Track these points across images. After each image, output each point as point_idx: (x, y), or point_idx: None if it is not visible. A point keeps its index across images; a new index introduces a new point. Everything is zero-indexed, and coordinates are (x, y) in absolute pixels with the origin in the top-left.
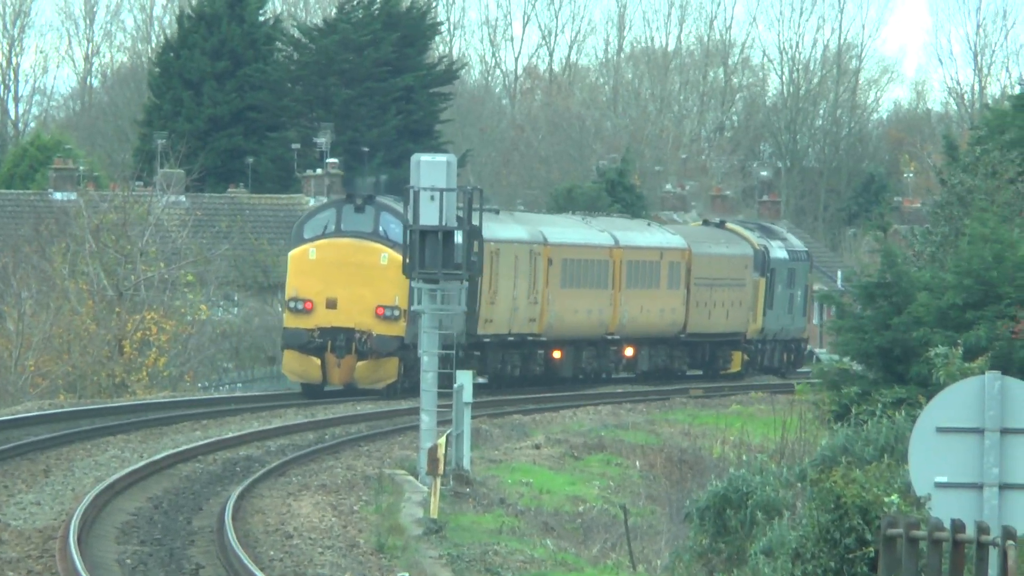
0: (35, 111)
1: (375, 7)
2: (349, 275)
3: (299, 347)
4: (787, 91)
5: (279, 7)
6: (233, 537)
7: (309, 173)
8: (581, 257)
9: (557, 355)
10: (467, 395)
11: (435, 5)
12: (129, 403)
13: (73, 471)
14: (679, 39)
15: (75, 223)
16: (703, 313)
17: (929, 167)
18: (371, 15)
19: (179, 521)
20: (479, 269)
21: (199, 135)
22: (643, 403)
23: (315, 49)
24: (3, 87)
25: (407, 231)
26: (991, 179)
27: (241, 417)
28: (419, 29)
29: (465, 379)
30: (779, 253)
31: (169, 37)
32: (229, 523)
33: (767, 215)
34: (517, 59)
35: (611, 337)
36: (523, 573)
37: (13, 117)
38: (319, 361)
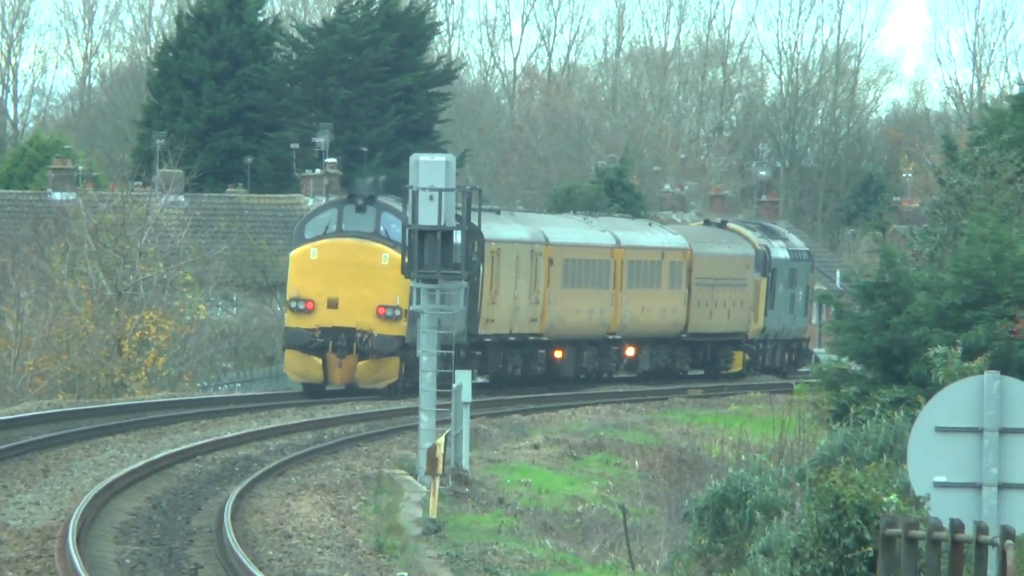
0: (34, 111)
1: (374, 7)
2: (350, 275)
3: (300, 347)
4: (786, 91)
5: (278, 7)
6: (232, 537)
7: (308, 173)
8: (582, 257)
9: (558, 355)
10: (466, 395)
11: (434, 5)
12: (128, 403)
13: (72, 471)
14: (678, 39)
15: (74, 223)
16: (704, 313)
17: (928, 167)
18: (370, 15)
19: (178, 521)
20: (478, 269)
21: (198, 135)
22: (642, 403)
23: (314, 49)
24: (2, 87)
25: (406, 231)
26: (990, 179)
27: (240, 417)
28: (418, 29)
29: (464, 379)
30: (780, 253)
31: (168, 37)
32: (228, 523)
33: (766, 215)
34: (516, 59)
35: (612, 337)
36: (522, 573)
37: (12, 117)
38: (320, 361)
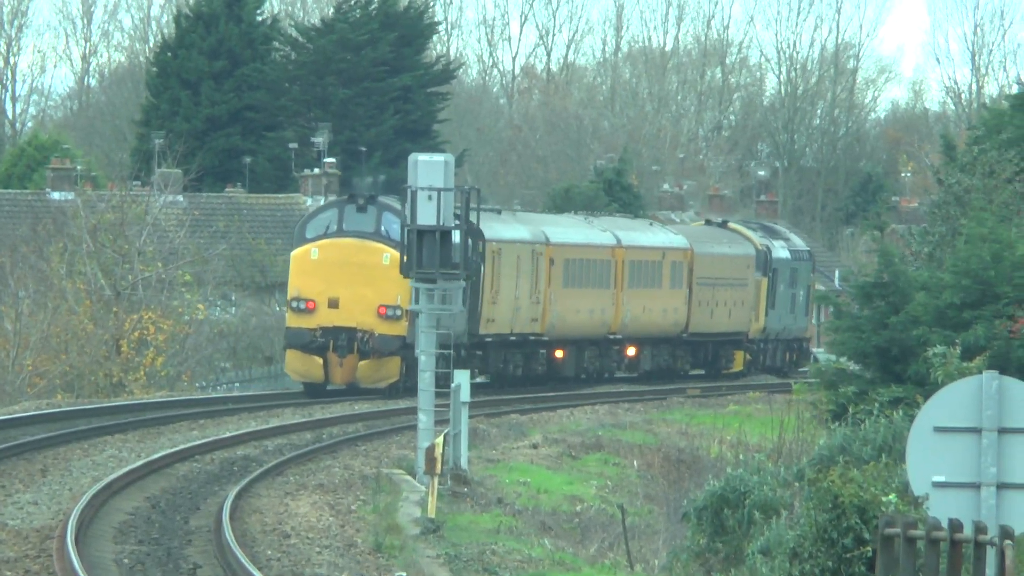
0: (32, 111)
1: (372, 7)
2: (351, 275)
3: (302, 347)
4: (785, 91)
5: (277, 7)
6: (231, 537)
7: (307, 173)
8: (583, 257)
9: (559, 355)
10: (464, 395)
11: (432, 5)
12: (126, 403)
13: (70, 471)
14: (677, 39)
15: (72, 223)
16: (705, 313)
17: (927, 167)
18: (368, 15)
19: (176, 521)
20: (478, 269)
21: (197, 135)
22: (641, 403)
23: (313, 49)
24: (0, 87)
25: (404, 230)
26: (989, 179)
27: (238, 417)
28: (416, 29)
29: (462, 379)
30: (781, 253)
31: (167, 37)
32: (227, 523)
33: (764, 215)
34: (515, 59)
35: (613, 337)
36: (521, 572)
37: (11, 117)
38: (321, 360)
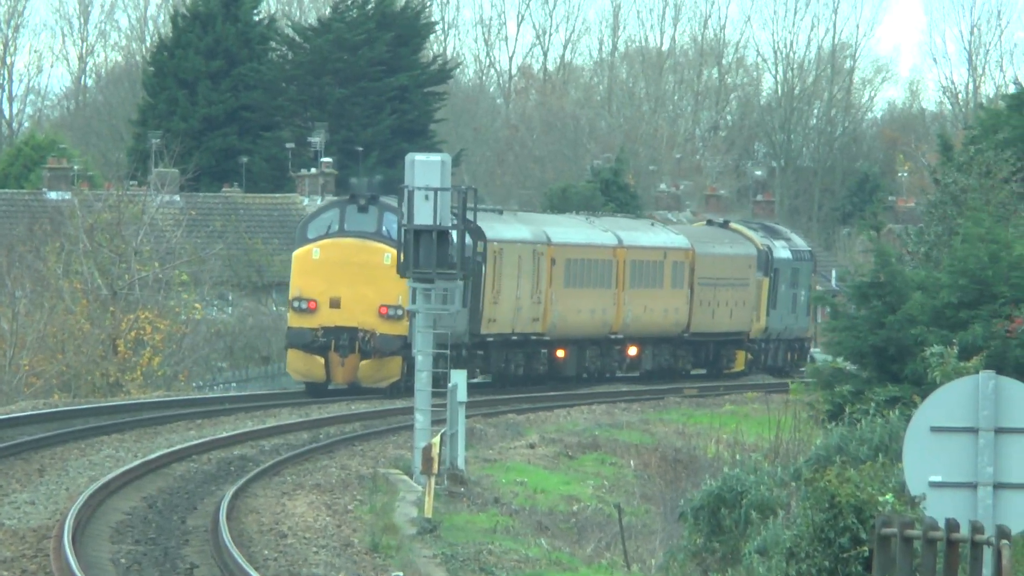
0: (29, 111)
1: (369, 7)
2: (352, 275)
3: (303, 346)
4: (781, 90)
5: (273, 7)
6: (228, 536)
7: (303, 173)
8: (584, 257)
9: (561, 354)
10: (461, 394)
11: (429, 5)
12: (123, 402)
13: (67, 470)
14: (673, 39)
15: (69, 222)
16: (706, 313)
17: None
18: (365, 15)
19: (173, 520)
20: (479, 269)
21: (193, 134)
22: (638, 403)
23: (309, 49)
24: None
25: (401, 230)
26: (985, 179)
27: (235, 416)
28: (413, 28)
29: (459, 378)
30: (782, 253)
31: (163, 36)
32: (224, 522)
33: (761, 214)
34: (511, 59)
35: (615, 337)
36: (517, 572)
37: (7, 116)
38: (323, 360)
